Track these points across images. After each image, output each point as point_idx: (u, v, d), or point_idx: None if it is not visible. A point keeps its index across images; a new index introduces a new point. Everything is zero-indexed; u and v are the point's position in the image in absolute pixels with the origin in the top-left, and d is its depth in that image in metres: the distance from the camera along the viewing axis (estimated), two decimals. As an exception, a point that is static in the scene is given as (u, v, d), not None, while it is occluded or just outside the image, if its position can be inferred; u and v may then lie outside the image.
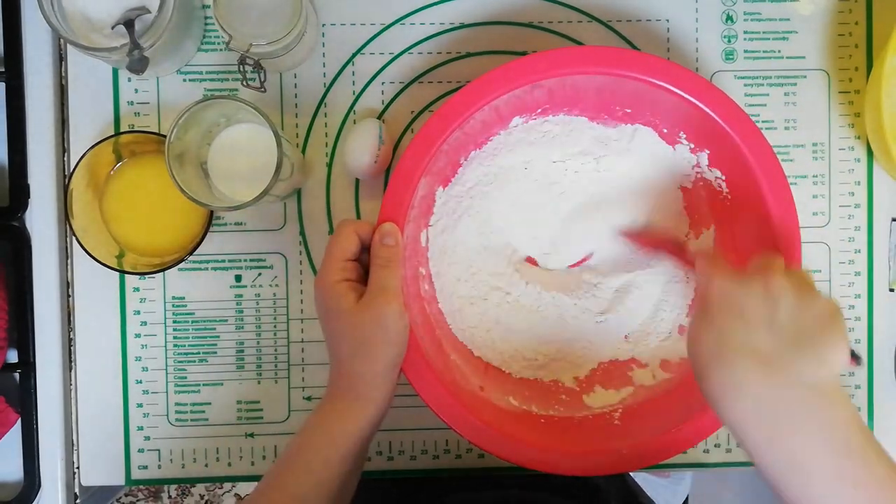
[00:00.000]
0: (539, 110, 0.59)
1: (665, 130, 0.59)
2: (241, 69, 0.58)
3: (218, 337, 0.65)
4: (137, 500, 1.42)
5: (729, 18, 0.66)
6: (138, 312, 0.64)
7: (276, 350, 0.65)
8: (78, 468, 0.65)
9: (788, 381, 0.43)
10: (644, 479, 1.24)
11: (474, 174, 0.61)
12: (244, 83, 0.59)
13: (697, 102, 0.54)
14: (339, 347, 0.51)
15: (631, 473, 1.20)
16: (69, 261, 0.65)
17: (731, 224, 0.60)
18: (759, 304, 0.45)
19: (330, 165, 0.65)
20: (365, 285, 0.52)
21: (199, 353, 0.65)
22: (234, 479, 0.65)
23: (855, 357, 0.46)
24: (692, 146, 0.59)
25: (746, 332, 0.44)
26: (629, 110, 0.59)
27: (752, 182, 0.55)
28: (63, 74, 0.64)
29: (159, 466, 0.65)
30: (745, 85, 0.66)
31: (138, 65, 0.55)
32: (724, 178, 0.58)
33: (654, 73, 0.54)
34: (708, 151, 0.58)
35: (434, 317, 0.61)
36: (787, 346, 0.44)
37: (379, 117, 0.65)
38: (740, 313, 0.45)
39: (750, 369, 0.43)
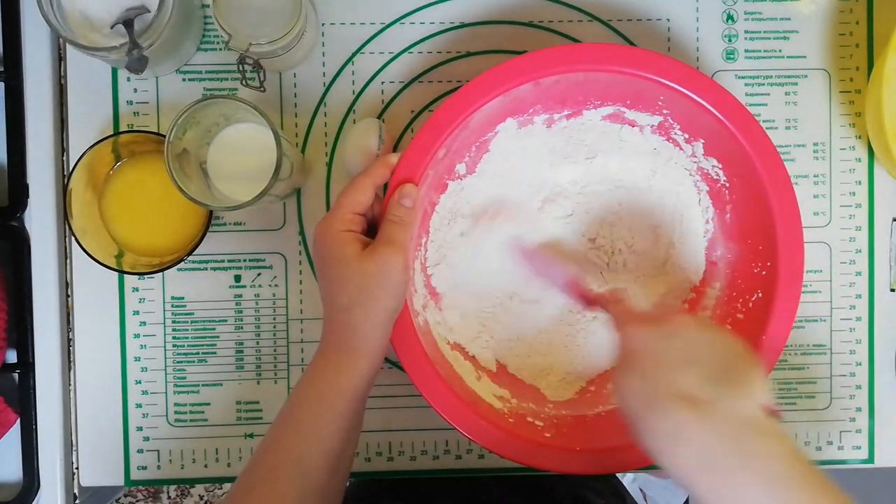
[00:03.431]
0: (531, 110, 0.59)
1: (656, 123, 0.59)
2: (241, 69, 0.57)
3: (217, 337, 0.65)
4: (137, 501, 1.42)
5: (730, 18, 0.65)
6: (137, 312, 0.64)
7: (275, 350, 0.65)
8: (77, 468, 0.65)
9: (723, 420, 0.42)
10: (645, 480, 1.24)
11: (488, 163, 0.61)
12: (243, 83, 0.59)
13: (689, 93, 0.55)
14: (337, 297, 0.50)
15: (631, 473, 1.21)
16: (68, 261, 0.64)
17: (735, 217, 0.60)
18: (674, 345, 0.45)
19: (330, 165, 0.65)
20: (368, 239, 0.52)
21: (198, 353, 0.65)
22: (234, 479, 0.65)
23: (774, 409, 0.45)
24: (686, 136, 0.59)
25: (671, 376, 0.44)
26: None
27: (752, 176, 0.56)
28: (62, 74, 0.64)
29: (158, 467, 0.65)
30: (746, 84, 0.65)
31: (137, 64, 0.55)
32: (720, 166, 0.59)
33: (644, 66, 0.54)
34: (703, 141, 0.58)
35: (442, 319, 0.61)
36: (711, 383, 0.43)
37: (379, 117, 0.64)
38: (660, 358, 0.45)
39: (684, 415, 0.42)
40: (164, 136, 0.52)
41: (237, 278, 0.65)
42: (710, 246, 0.62)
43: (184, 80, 0.64)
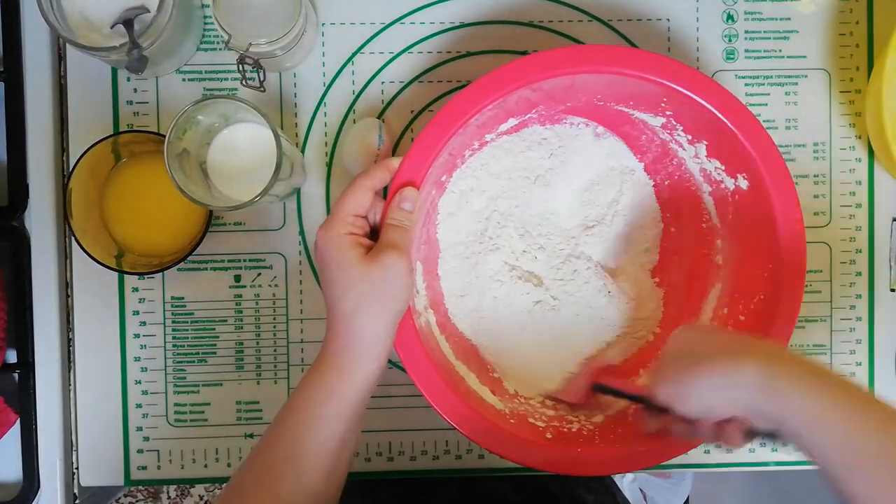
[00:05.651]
0: (534, 111, 0.59)
1: (659, 124, 0.59)
2: (241, 69, 0.57)
3: (217, 337, 0.65)
4: (136, 501, 1.41)
5: (730, 17, 0.65)
6: (137, 313, 0.64)
7: (275, 350, 0.65)
8: (77, 468, 0.65)
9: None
10: (646, 480, 1.24)
11: (490, 157, 0.61)
12: (243, 83, 0.59)
13: (693, 95, 0.54)
14: (341, 301, 0.50)
15: (631, 473, 1.21)
16: (68, 261, 0.64)
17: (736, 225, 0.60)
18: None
19: (329, 165, 0.65)
20: (371, 242, 0.52)
21: (198, 353, 0.64)
22: (234, 479, 0.65)
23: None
24: (689, 137, 0.59)
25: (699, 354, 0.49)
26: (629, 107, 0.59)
27: (754, 177, 0.56)
28: (62, 74, 0.64)
29: (158, 467, 0.65)
30: (747, 84, 0.65)
31: (137, 64, 0.55)
32: (723, 167, 0.58)
33: (648, 68, 0.54)
34: (706, 142, 0.58)
35: (442, 320, 0.61)
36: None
37: (379, 117, 0.64)
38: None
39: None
40: (164, 136, 0.52)
41: (237, 278, 0.65)
42: (711, 247, 0.62)
43: (184, 80, 0.64)
